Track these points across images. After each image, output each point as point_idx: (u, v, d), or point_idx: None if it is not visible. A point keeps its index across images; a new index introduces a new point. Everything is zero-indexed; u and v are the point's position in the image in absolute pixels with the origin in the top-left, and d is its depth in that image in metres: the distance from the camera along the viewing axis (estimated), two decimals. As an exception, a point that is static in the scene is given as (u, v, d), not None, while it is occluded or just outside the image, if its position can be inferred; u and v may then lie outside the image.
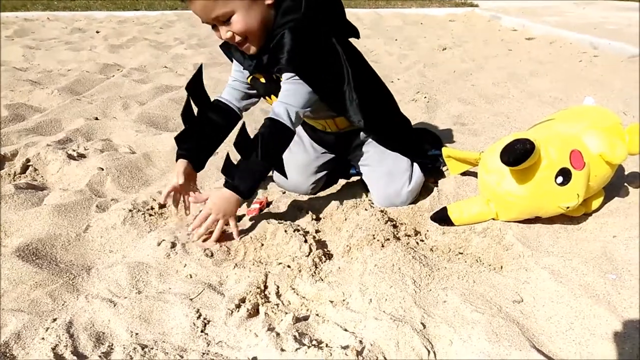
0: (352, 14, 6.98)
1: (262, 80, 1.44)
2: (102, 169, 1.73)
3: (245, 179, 1.30)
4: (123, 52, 4.20)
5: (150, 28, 5.75)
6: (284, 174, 1.36)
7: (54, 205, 1.47)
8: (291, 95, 1.31)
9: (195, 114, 1.44)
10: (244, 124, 1.34)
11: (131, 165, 1.81)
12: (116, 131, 2.21)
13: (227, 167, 1.32)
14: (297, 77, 1.30)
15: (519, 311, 1.05)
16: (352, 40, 1.48)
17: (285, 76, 1.32)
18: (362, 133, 1.58)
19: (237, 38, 1.28)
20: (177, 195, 1.45)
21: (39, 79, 3.11)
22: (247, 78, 1.48)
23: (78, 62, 3.71)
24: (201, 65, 1.49)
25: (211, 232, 1.31)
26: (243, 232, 1.37)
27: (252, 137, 1.30)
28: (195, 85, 1.41)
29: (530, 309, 1.06)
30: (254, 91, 1.53)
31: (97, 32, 5.34)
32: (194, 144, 1.46)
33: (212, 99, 1.50)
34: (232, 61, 1.51)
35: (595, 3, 8.54)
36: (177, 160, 1.46)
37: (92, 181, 1.67)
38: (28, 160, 1.81)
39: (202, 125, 1.46)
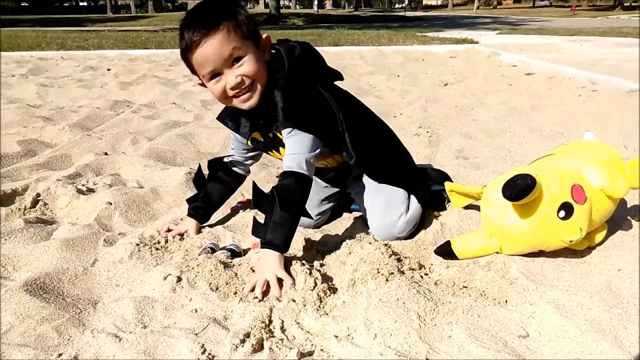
0: (356, 52, 7.18)
1: (261, 139, 1.53)
2: (111, 204, 1.76)
3: (276, 232, 1.32)
4: (133, 89, 4.33)
5: (159, 66, 5.94)
6: (309, 216, 1.41)
7: (62, 240, 1.49)
8: (296, 145, 1.38)
9: (206, 177, 1.68)
10: (254, 184, 1.42)
11: (139, 199, 1.84)
12: (125, 166, 2.26)
13: (257, 228, 1.37)
14: (296, 130, 1.37)
15: (524, 346, 1.04)
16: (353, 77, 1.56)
17: (285, 132, 1.39)
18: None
19: (246, 81, 1.31)
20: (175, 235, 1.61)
21: (51, 116, 3.20)
22: (247, 141, 1.58)
23: (89, 99, 3.83)
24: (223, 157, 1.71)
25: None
26: (248, 265, 1.37)
27: (266, 192, 1.39)
28: (216, 161, 1.69)
29: (536, 344, 1.05)
30: (252, 153, 1.66)
31: (108, 69, 5.53)
32: (203, 206, 1.66)
33: (221, 157, 1.71)
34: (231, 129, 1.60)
35: (591, 40, 8.74)
36: (187, 215, 1.66)
37: (101, 215, 1.70)
38: (38, 195, 1.85)
39: (210, 187, 1.67)
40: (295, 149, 1.37)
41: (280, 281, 1.25)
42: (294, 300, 1.21)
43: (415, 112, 3.46)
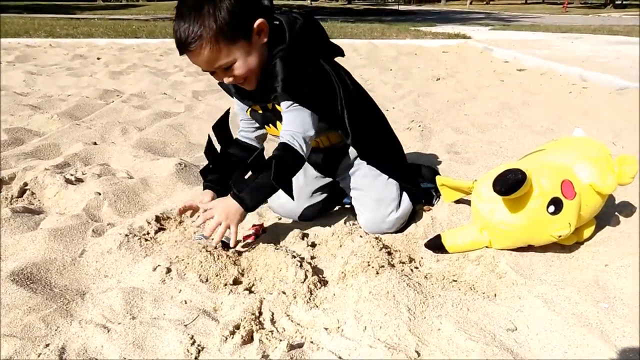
0: (349, 45, 7.15)
1: (260, 111, 1.50)
2: (99, 194, 1.74)
3: (254, 195, 1.35)
4: (123, 79, 4.27)
5: (150, 55, 5.86)
6: (291, 196, 1.39)
7: (50, 230, 1.47)
8: (294, 122, 1.36)
9: (218, 151, 1.58)
10: (262, 148, 1.40)
11: (128, 190, 1.82)
12: (114, 156, 2.23)
13: (237, 180, 1.38)
14: (295, 104, 1.35)
15: (512, 340, 1.05)
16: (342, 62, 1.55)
17: (284, 105, 1.37)
18: (350, 153, 1.62)
19: (239, 79, 1.33)
20: (192, 212, 1.54)
21: (39, 104, 3.15)
22: (247, 111, 1.55)
23: (78, 88, 3.77)
24: (228, 110, 1.61)
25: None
26: (239, 257, 1.37)
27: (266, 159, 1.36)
28: (221, 125, 1.56)
29: (524, 337, 1.06)
30: (259, 125, 1.60)
31: (98, 58, 5.44)
32: (217, 176, 1.56)
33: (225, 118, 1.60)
34: (232, 97, 1.57)
35: (582, 37, 8.81)
36: (203, 190, 1.56)
37: (89, 206, 1.68)
38: (25, 184, 1.82)
39: (224, 160, 1.57)
40: (293, 126, 1.36)
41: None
42: (284, 293, 1.21)
43: (408, 106, 3.46)
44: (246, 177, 1.41)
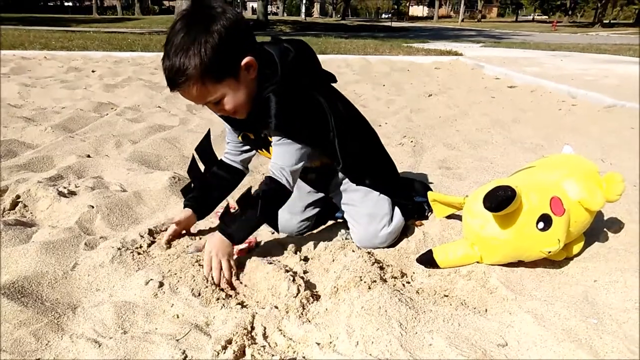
0: (342, 60, 7.25)
1: (252, 136, 1.54)
2: (93, 207, 1.74)
3: (241, 229, 1.41)
4: (118, 92, 4.28)
5: (145, 68, 5.89)
6: (276, 228, 1.51)
7: (42, 243, 1.46)
8: (283, 156, 1.41)
9: (202, 170, 1.63)
10: (249, 188, 1.44)
11: (121, 203, 1.82)
12: (108, 169, 2.23)
13: (225, 216, 1.44)
14: (285, 139, 1.39)
15: (503, 355, 1.06)
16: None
17: (275, 139, 1.41)
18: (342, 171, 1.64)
19: (228, 113, 1.35)
20: (175, 236, 1.59)
21: (33, 116, 3.14)
22: (238, 136, 1.58)
23: (73, 100, 3.77)
24: (209, 130, 1.67)
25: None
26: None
27: (251, 193, 1.42)
28: (204, 147, 1.64)
29: (515, 353, 1.07)
30: (248, 147, 1.65)
31: (93, 71, 5.46)
32: (198, 195, 1.62)
33: (217, 157, 1.68)
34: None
35: (571, 55, 8.98)
36: (184, 208, 1.61)
37: (82, 219, 1.68)
38: (18, 197, 1.81)
39: (208, 180, 1.63)
40: (282, 159, 1.41)
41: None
42: (276, 307, 1.21)
43: (400, 121, 3.50)
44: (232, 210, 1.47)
